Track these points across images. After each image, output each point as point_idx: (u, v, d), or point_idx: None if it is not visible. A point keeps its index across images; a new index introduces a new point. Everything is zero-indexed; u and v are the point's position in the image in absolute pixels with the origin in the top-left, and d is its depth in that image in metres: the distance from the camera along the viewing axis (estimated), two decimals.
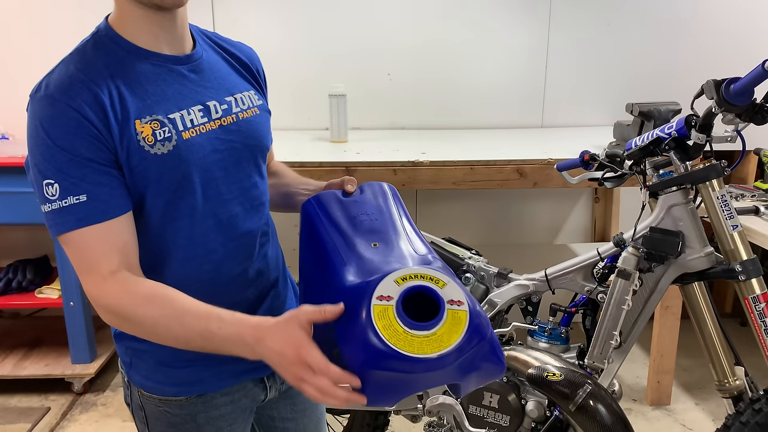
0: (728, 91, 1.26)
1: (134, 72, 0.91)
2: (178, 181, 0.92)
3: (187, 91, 0.95)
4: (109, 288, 0.87)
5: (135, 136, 0.89)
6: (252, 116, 1.03)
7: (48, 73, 0.91)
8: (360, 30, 2.77)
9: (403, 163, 2.19)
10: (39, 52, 2.69)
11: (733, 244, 1.42)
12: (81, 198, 0.85)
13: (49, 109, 0.86)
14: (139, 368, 1.03)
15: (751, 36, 2.82)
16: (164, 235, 0.95)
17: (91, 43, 0.93)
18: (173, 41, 0.96)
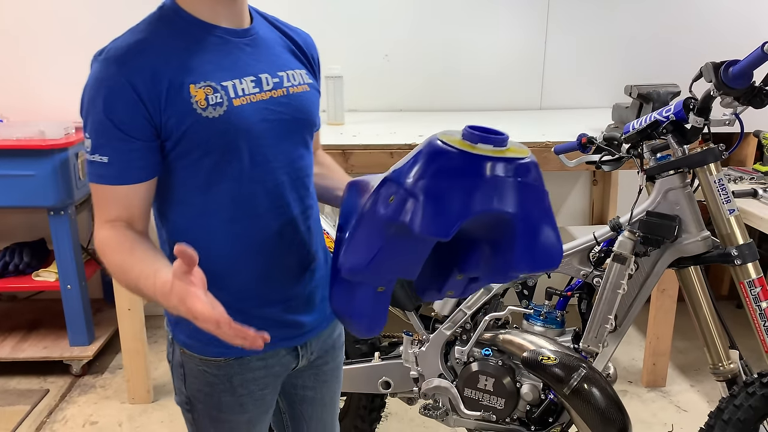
0: (727, 73, 1.24)
1: (194, 42, 0.98)
2: (226, 144, 0.98)
3: (241, 63, 1.01)
4: (101, 232, 0.97)
5: (189, 99, 0.95)
6: (302, 92, 1.08)
7: (114, 39, 0.98)
8: (356, 10, 2.73)
9: (400, 146, 2.17)
10: (32, 37, 2.65)
11: (730, 228, 1.41)
12: (104, 159, 0.94)
13: (102, 72, 0.94)
14: (183, 328, 1.08)
15: (753, 17, 2.79)
16: (211, 193, 1.01)
17: (157, 15, 1.01)
18: (232, 16, 1.02)
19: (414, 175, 0.86)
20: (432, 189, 0.84)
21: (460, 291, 1.02)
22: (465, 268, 0.97)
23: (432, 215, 0.84)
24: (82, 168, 2.47)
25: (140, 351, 2.29)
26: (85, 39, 2.67)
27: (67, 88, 2.68)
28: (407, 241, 0.90)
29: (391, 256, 0.91)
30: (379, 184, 0.93)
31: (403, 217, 0.86)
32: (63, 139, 2.34)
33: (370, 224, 0.92)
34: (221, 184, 1.00)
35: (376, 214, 0.90)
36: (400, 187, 0.87)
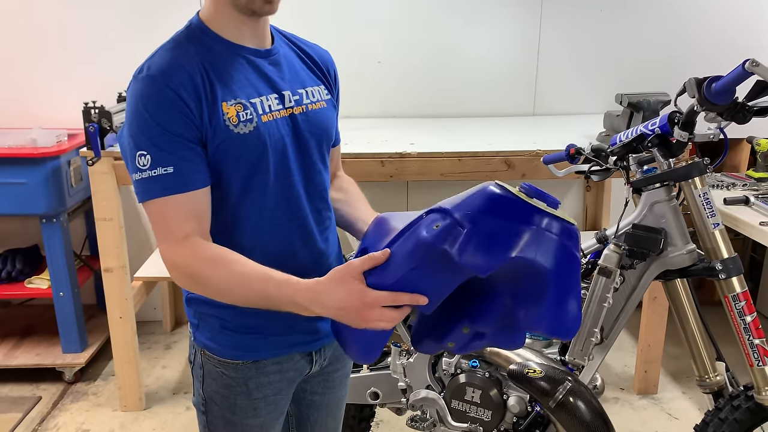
0: (710, 90, 1.24)
1: (222, 60, 1.03)
2: (256, 158, 1.02)
3: (266, 81, 1.06)
4: (182, 250, 0.97)
5: (222, 116, 0.99)
6: (320, 108, 1.13)
7: (149, 57, 1.01)
8: (350, 17, 2.73)
9: (391, 155, 2.18)
10: (24, 46, 2.65)
11: (714, 242, 1.41)
12: (168, 169, 0.96)
13: (149, 88, 0.96)
14: (204, 331, 1.12)
15: (743, 26, 2.79)
16: (240, 206, 1.05)
17: (185, 34, 1.04)
18: (255, 37, 1.07)
19: (466, 208, 0.91)
20: (481, 224, 0.89)
21: (461, 345, 1.04)
22: (478, 320, 0.99)
23: (475, 247, 0.88)
24: (74, 175, 2.47)
25: (132, 359, 2.30)
26: (77, 48, 2.68)
27: (59, 96, 2.70)
28: (439, 271, 0.93)
29: (419, 281, 0.94)
30: (422, 213, 0.97)
31: (447, 243, 0.89)
32: (55, 146, 2.35)
33: (408, 245, 0.95)
34: (248, 196, 1.04)
35: (418, 237, 0.93)
36: (448, 216, 0.92)
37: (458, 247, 0.88)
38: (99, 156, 2.03)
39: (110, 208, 2.13)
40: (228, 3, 1.02)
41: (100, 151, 2.03)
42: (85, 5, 2.63)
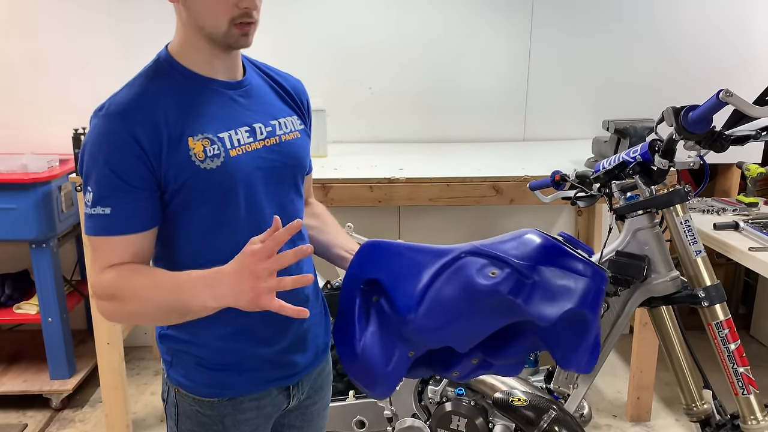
0: (687, 119, 1.25)
1: (190, 95, 1.02)
2: (224, 193, 1.02)
3: (236, 114, 1.05)
4: (106, 277, 0.98)
5: (187, 151, 0.99)
6: (293, 139, 1.12)
7: (113, 94, 1.02)
8: (341, 43, 2.77)
9: (380, 180, 2.18)
10: (17, 71, 2.68)
11: (696, 269, 1.41)
12: (106, 211, 0.97)
13: (105, 126, 0.97)
14: (178, 368, 1.10)
15: (729, 50, 2.83)
16: (211, 241, 1.04)
17: (153, 69, 1.04)
18: (227, 70, 1.07)
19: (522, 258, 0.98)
20: (542, 274, 0.96)
21: (465, 373, 1.08)
22: (497, 354, 1.05)
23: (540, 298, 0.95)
24: (65, 200, 2.47)
25: (119, 386, 2.28)
26: (67, 75, 2.71)
27: (51, 122, 2.72)
28: (491, 316, 0.98)
29: (468, 324, 0.99)
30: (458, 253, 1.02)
31: (513, 293, 0.95)
32: (46, 172, 2.36)
33: (455, 288, 0.98)
34: (218, 230, 1.04)
35: (474, 283, 0.97)
36: (506, 266, 0.97)
37: (525, 297, 0.94)
38: None
39: None
40: (202, 37, 1.01)
41: None
42: (77, 33, 2.66)
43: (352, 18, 2.74)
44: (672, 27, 2.80)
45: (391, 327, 1.05)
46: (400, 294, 1.04)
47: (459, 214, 2.96)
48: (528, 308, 0.95)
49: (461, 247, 1.08)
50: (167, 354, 1.12)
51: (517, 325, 1.03)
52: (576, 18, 2.78)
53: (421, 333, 1.00)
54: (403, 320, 1.02)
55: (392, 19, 2.75)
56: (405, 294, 1.03)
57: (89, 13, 2.65)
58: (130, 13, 2.65)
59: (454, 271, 1.01)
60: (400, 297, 1.03)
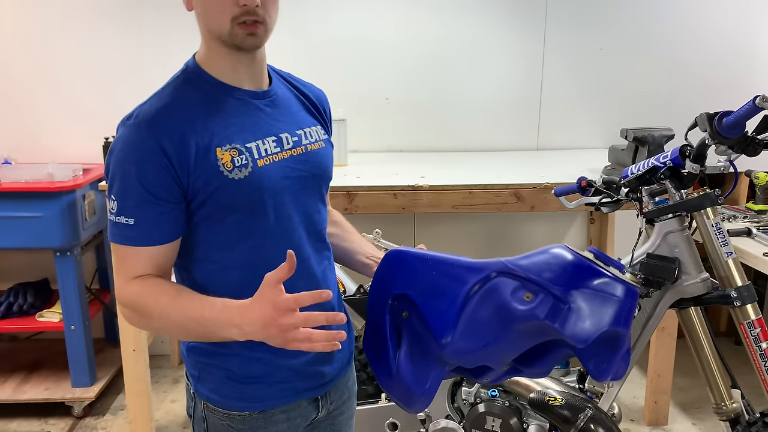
0: (721, 124, 1.30)
1: (218, 104, 1.02)
2: (252, 204, 1.01)
3: (263, 124, 1.05)
4: (131, 286, 0.99)
5: (215, 162, 0.98)
6: (318, 149, 1.13)
7: (141, 103, 1.01)
8: (359, 56, 2.82)
9: (403, 188, 2.23)
10: (42, 81, 2.72)
11: (728, 270, 1.45)
12: (129, 222, 0.97)
13: (133, 135, 0.97)
14: (206, 382, 1.09)
15: (740, 58, 2.90)
16: (240, 252, 1.03)
17: (181, 78, 1.04)
18: (253, 78, 1.06)
19: (556, 280, 0.99)
20: (578, 297, 0.98)
21: (495, 379, 1.11)
22: (529, 364, 1.08)
23: (576, 321, 0.97)
24: (89, 209, 2.50)
25: (144, 392, 2.29)
26: (90, 85, 2.74)
27: (73, 132, 2.75)
28: (526, 337, 1.01)
29: (503, 346, 1.01)
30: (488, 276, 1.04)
31: (549, 317, 0.97)
32: (71, 181, 2.39)
33: (493, 314, 1.01)
34: (246, 241, 1.03)
35: (509, 307, 0.99)
36: (541, 289, 0.99)
37: (561, 321, 0.96)
38: None
39: None
40: (215, 39, 1.01)
41: None
42: (95, 44, 2.70)
43: (370, 31, 2.80)
44: (681, 38, 2.87)
45: (424, 346, 1.06)
46: (432, 314, 1.05)
47: (474, 221, 3.00)
48: (564, 331, 0.98)
49: (490, 264, 1.09)
50: (194, 368, 1.11)
51: (549, 341, 1.06)
52: (587, 32, 2.85)
53: (457, 356, 1.03)
54: (439, 344, 1.04)
55: (409, 32, 2.81)
56: (438, 315, 1.04)
57: (109, 24, 2.69)
58: (150, 23, 2.69)
59: (487, 293, 1.03)
60: (433, 318, 1.04)
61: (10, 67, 2.70)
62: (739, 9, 2.85)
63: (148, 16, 2.69)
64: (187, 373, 1.14)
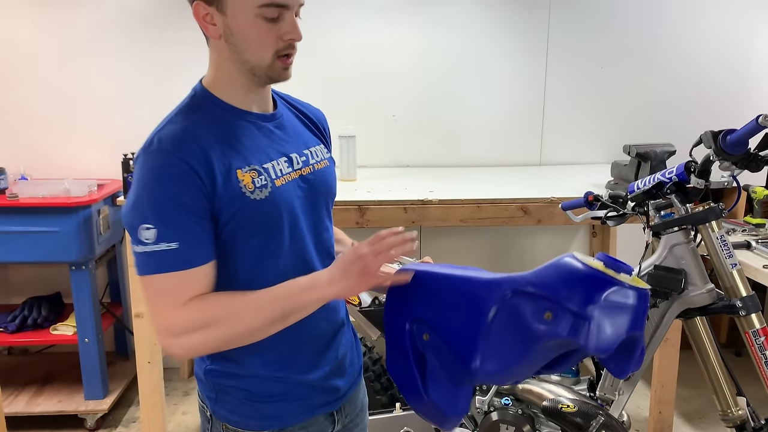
0: (725, 141, 1.37)
1: (231, 127, 1.03)
2: (273, 223, 1.03)
3: (274, 145, 1.08)
4: (189, 310, 0.96)
5: (237, 183, 0.99)
6: (324, 167, 1.16)
7: (157, 129, 1.01)
8: (367, 74, 2.89)
9: (413, 202, 2.28)
10: (56, 99, 2.77)
11: (733, 281, 1.51)
12: (172, 245, 0.94)
13: (161, 160, 0.96)
14: (225, 403, 1.10)
15: (734, 78, 2.99)
16: (257, 272, 1.04)
17: (191, 103, 1.05)
18: (261, 102, 1.09)
19: (573, 296, 1.03)
20: (596, 311, 1.01)
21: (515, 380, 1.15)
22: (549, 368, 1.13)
23: (598, 334, 1.01)
24: (103, 224, 2.55)
25: (158, 404, 2.32)
26: (105, 103, 2.80)
27: (87, 148, 2.80)
28: (549, 351, 1.06)
29: (529, 363, 1.06)
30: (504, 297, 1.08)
31: (571, 334, 1.01)
32: (87, 196, 2.44)
33: (517, 336, 1.05)
34: (265, 261, 1.04)
35: (533, 329, 1.04)
36: (557, 306, 1.03)
37: (584, 336, 1.01)
38: None
39: None
40: (243, 71, 1.02)
41: None
42: (112, 64, 2.76)
43: (378, 50, 2.88)
44: (678, 59, 2.96)
45: (450, 368, 1.10)
46: (455, 337, 1.08)
47: (480, 234, 3.06)
48: (587, 346, 1.01)
49: (503, 282, 1.11)
50: (211, 390, 1.11)
51: None
52: (587, 52, 2.93)
53: (487, 378, 1.08)
54: (468, 369, 1.07)
55: (415, 50, 2.89)
56: (461, 339, 1.08)
57: (126, 44, 2.75)
58: (165, 43, 2.76)
59: (508, 316, 1.07)
60: (456, 342, 1.08)
61: (27, 85, 2.76)
62: (733, 34, 2.95)
63: (163, 36, 2.76)
64: (201, 396, 1.15)
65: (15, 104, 2.76)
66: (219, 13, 0.99)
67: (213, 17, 1.00)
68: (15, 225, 2.35)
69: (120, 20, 2.74)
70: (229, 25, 0.99)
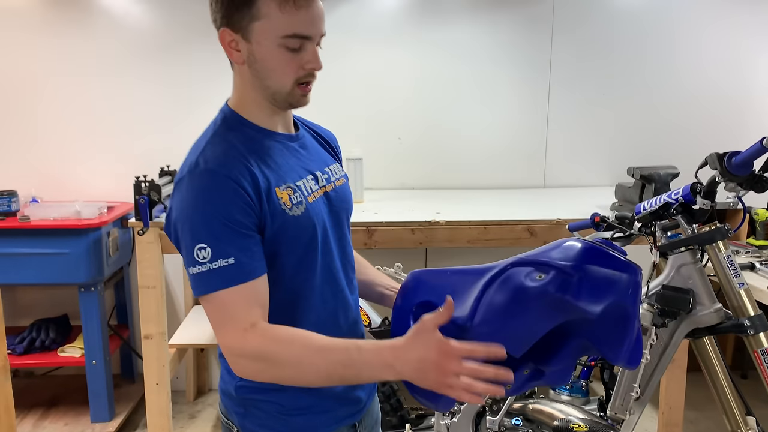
0: (730, 162, 1.40)
1: (264, 148, 1.07)
2: (309, 238, 1.07)
3: (301, 163, 1.13)
4: (252, 337, 0.98)
5: (277, 201, 1.03)
6: (342, 184, 1.21)
7: (199, 152, 1.03)
8: (374, 100, 2.94)
9: (421, 223, 2.31)
10: (67, 122, 2.82)
11: (741, 300, 1.53)
12: (230, 261, 0.97)
13: (210, 180, 0.99)
14: (254, 417, 1.12)
15: (730, 105, 3.05)
16: (294, 285, 1.08)
17: (224, 125, 1.08)
18: (285, 123, 1.14)
19: (565, 260, 1.09)
20: (585, 272, 1.07)
21: (517, 386, 1.16)
22: (548, 362, 1.13)
23: (588, 292, 1.06)
24: (112, 246, 2.57)
25: (165, 426, 2.32)
26: (114, 127, 2.85)
27: (96, 171, 2.84)
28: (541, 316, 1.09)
29: (521, 326, 1.09)
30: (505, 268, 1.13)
31: (562, 290, 1.06)
32: (97, 218, 2.46)
33: (509, 296, 1.09)
34: (301, 275, 1.08)
35: (523, 287, 1.08)
36: (551, 268, 1.08)
37: (572, 293, 1.03)
38: (148, 226, 2.14)
39: (154, 276, 2.22)
40: (266, 96, 1.07)
41: (149, 221, 2.15)
42: (121, 91, 2.81)
43: (384, 76, 2.93)
44: (681, 84, 3.01)
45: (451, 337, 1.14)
46: (455, 309, 1.09)
47: (485, 256, 3.06)
48: (577, 303, 1.06)
49: (505, 261, 1.19)
50: (240, 406, 1.13)
51: (565, 330, 1.12)
52: (589, 77, 2.99)
53: (479, 338, 1.07)
54: (461, 329, 1.10)
55: (421, 76, 2.94)
56: (459, 308, 1.11)
57: (136, 70, 2.81)
58: (174, 68, 2.81)
59: (503, 281, 1.12)
60: (455, 311, 1.09)
61: (38, 110, 2.80)
62: (733, 59, 3.01)
63: (173, 62, 2.81)
64: (227, 411, 1.16)
65: (27, 128, 2.80)
66: (244, 40, 1.03)
67: (238, 44, 1.04)
68: (26, 247, 2.37)
69: (131, 46, 2.80)
70: (253, 53, 1.03)
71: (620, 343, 1.10)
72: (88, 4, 2.76)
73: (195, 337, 2.52)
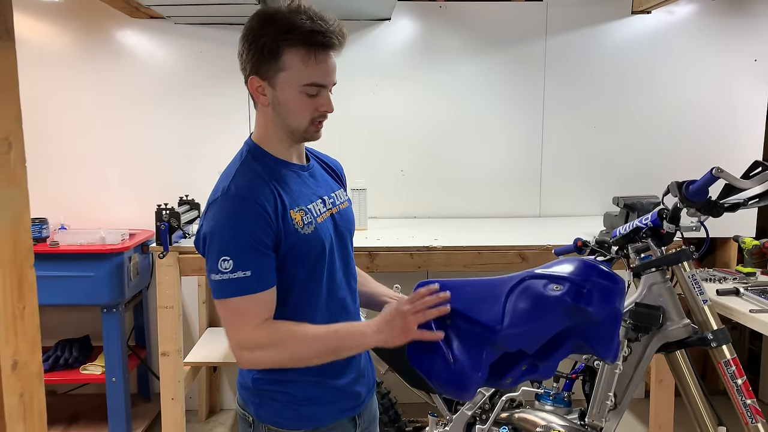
0: (688, 190, 1.57)
1: (282, 176, 1.26)
2: (318, 253, 1.26)
3: (311, 189, 1.32)
4: (263, 330, 1.19)
5: (291, 221, 1.22)
6: (346, 207, 1.41)
7: (231, 179, 1.22)
8: (378, 135, 3.15)
9: (419, 248, 2.48)
10: (93, 154, 3.05)
11: (705, 315, 1.68)
12: (247, 273, 1.16)
13: (240, 204, 1.18)
14: (268, 407, 1.29)
15: (717, 135, 3.21)
16: (302, 296, 1.27)
17: (250, 156, 1.27)
18: (298, 155, 1.34)
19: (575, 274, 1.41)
20: (592, 284, 1.38)
21: (515, 379, 1.39)
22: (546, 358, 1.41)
23: (597, 300, 1.37)
24: (133, 270, 2.75)
25: None
26: (136, 159, 3.06)
27: (118, 200, 3.05)
28: (557, 321, 1.38)
29: (541, 327, 1.38)
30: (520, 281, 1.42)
31: (576, 298, 1.36)
32: (120, 244, 2.66)
33: (532, 303, 1.38)
34: (309, 287, 1.26)
35: (545, 297, 1.38)
36: (565, 281, 1.38)
37: (585, 302, 1.35)
38: (167, 250, 2.33)
39: (172, 296, 2.40)
40: (285, 132, 1.26)
41: (168, 246, 2.34)
42: (143, 124, 3.04)
43: (387, 113, 3.14)
44: (666, 118, 3.19)
45: (473, 338, 1.36)
46: (481, 314, 1.38)
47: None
48: (588, 309, 1.37)
49: (519, 274, 1.46)
50: (256, 397, 1.29)
51: (565, 332, 1.40)
52: (581, 112, 3.18)
53: (509, 339, 1.36)
54: (493, 331, 1.37)
55: (422, 112, 3.15)
56: (486, 313, 1.38)
57: (160, 106, 3.04)
58: (196, 105, 3.04)
59: (524, 290, 1.41)
60: (483, 316, 1.38)
61: (67, 144, 3.03)
62: (715, 96, 3.19)
63: (194, 97, 3.04)
64: (243, 403, 1.33)
65: (57, 159, 3.02)
66: (270, 87, 1.23)
67: (264, 89, 1.24)
68: (55, 270, 2.56)
69: (155, 81, 3.03)
70: (278, 97, 1.24)
71: (609, 341, 1.39)
72: (116, 46, 3.01)
73: (208, 356, 2.68)
